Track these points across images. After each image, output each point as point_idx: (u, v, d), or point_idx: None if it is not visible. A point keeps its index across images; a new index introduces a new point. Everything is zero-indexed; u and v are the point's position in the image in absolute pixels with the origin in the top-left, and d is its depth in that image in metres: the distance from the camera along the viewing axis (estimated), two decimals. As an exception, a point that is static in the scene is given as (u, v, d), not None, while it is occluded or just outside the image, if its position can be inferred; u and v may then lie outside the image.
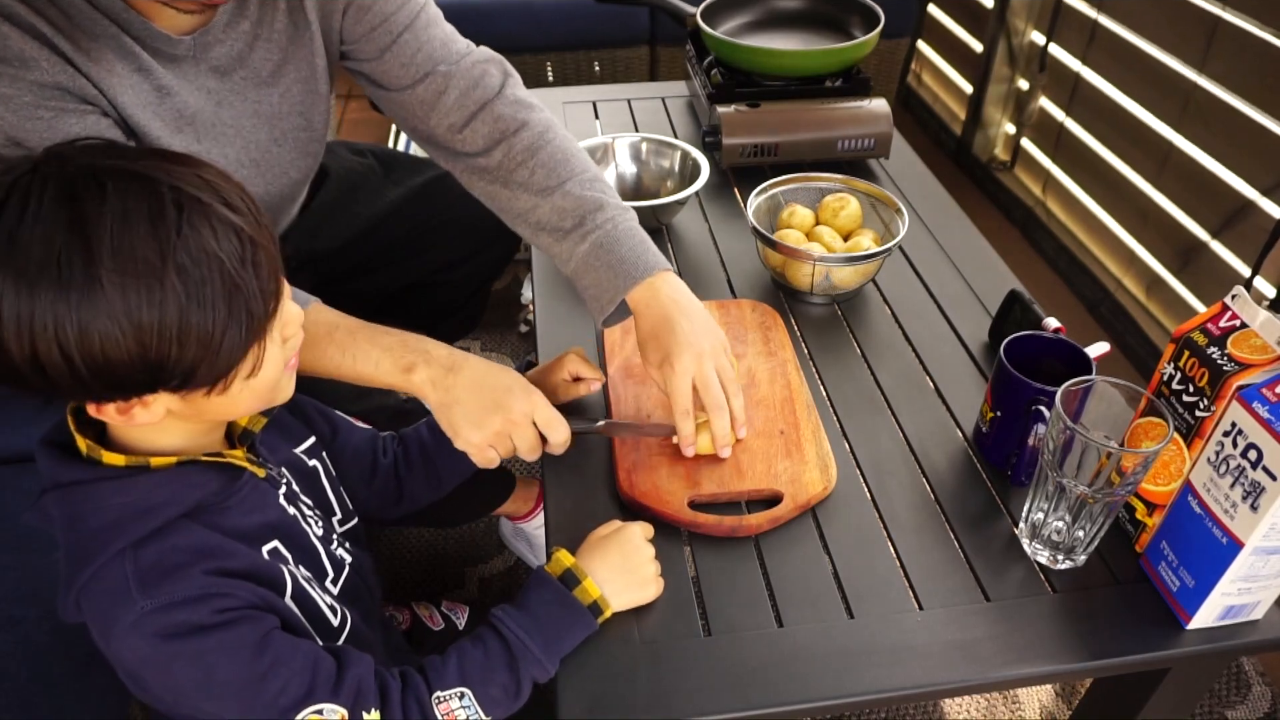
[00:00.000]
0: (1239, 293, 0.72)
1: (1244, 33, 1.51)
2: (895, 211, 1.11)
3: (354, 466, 0.88)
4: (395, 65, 0.96)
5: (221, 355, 0.59)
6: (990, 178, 2.35)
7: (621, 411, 0.93)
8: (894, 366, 1.02)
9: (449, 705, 0.68)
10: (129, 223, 0.54)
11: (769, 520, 0.82)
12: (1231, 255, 1.60)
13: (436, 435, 0.89)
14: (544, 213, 0.93)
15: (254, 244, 0.59)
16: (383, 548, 1.48)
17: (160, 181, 0.56)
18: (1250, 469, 0.65)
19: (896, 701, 1.00)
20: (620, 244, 0.89)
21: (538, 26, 2.31)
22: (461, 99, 0.96)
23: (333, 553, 0.78)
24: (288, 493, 0.74)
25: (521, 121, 0.95)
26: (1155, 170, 1.78)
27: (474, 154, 0.97)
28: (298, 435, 0.81)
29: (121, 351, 0.55)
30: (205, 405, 0.62)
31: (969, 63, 2.41)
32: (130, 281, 0.54)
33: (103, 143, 0.61)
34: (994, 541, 0.82)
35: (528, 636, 0.70)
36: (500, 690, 0.70)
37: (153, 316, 0.55)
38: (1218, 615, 0.73)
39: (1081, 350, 0.85)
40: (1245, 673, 1.32)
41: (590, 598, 0.72)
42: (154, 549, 0.62)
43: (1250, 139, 1.52)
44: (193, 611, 0.61)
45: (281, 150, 0.99)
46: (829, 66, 1.38)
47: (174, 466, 0.65)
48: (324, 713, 0.64)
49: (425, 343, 0.86)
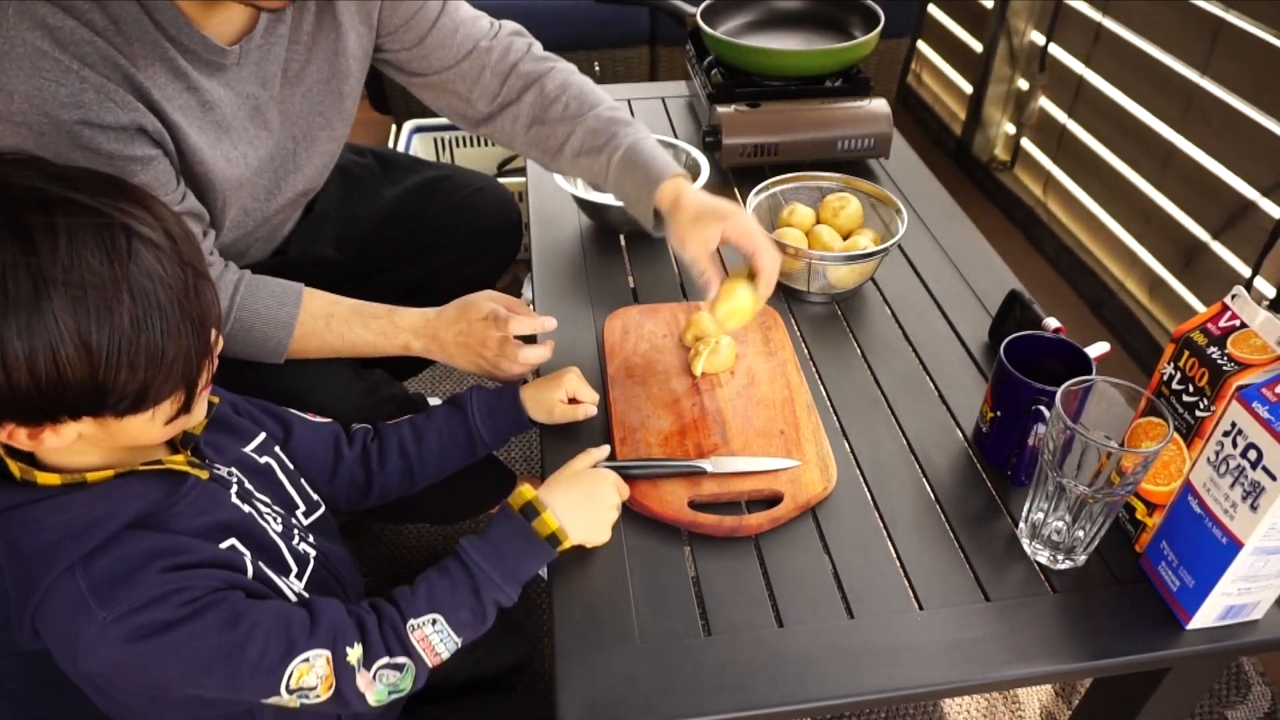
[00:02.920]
0: (1239, 293, 0.72)
1: (1246, 34, 1.51)
2: (895, 211, 1.11)
3: (311, 464, 0.87)
4: (436, 48, 1.02)
5: (172, 378, 0.60)
6: (990, 178, 2.35)
7: (620, 411, 0.93)
8: (894, 366, 1.02)
9: (423, 632, 0.72)
10: (79, 243, 0.54)
11: (769, 520, 0.82)
12: (1232, 256, 1.60)
13: (418, 433, 0.91)
14: (579, 136, 1.02)
15: (196, 273, 0.61)
16: (381, 547, 1.48)
17: (105, 207, 0.56)
18: (1250, 469, 0.65)
19: (896, 701, 1.00)
20: (644, 152, 1.00)
21: (538, 26, 2.29)
22: (497, 66, 1.04)
23: (295, 548, 0.77)
24: (240, 491, 0.74)
25: (548, 68, 1.06)
26: (1156, 171, 1.78)
27: (509, 104, 1.05)
28: (245, 434, 0.80)
29: (72, 372, 0.55)
30: (118, 429, 0.61)
31: (969, 63, 2.41)
32: (81, 301, 0.54)
33: (30, 158, 0.60)
34: (994, 541, 0.82)
35: (489, 565, 0.74)
36: (469, 613, 0.73)
37: (104, 337, 0.55)
38: (1218, 615, 0.73)
39: (1081, 350, 0.85)
40: (1245, 673, 1.32)
41: (548, 529, 0.75)
42: (103, 560, 0.61)
43: (1251, 139, 1.52)
44: (158, 610, 0.61)
45: (300, 149, 1.00)
46: (829, 66, 1.38)
47: (112, 479, 0.64)
48: (309, 659, 0.66)
49: (402, 316, 0.99)
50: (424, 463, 0.91)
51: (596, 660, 0.72)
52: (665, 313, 1.06)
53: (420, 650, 0.72)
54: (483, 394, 0.93)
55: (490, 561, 0.74)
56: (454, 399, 0.93)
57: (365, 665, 0.69)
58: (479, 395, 0.93)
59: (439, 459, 0.92)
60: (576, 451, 0.88)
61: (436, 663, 0.74)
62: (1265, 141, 1.49)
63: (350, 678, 0.68)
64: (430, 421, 0.92)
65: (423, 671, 0.73)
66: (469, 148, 2.23)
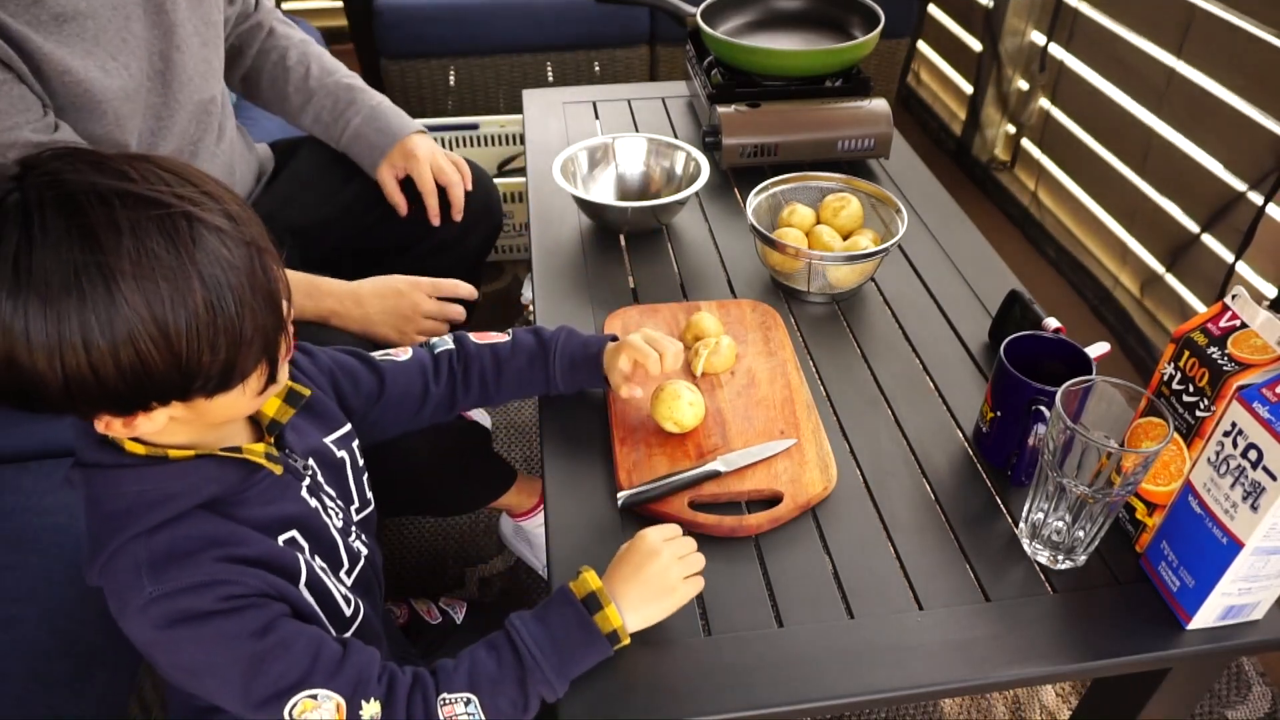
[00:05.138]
0: (1239, 293, 0.72)
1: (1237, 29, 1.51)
2: (895, 211, 1.11)
3: (405, 404, 0.88)
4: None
5: (253, 353, 0.61)
6: (990, 178, 2.35)
7: (620, 411, 0.93)
8: (894, 366, 1.02)
9: (453, 709, 0.67)
10: (143, 235, 0.55)
11: (769, 520, 0.82)
12: (1225, 250, 1.61)
13: (499, 365, 0.91)
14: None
15: (259, 249, 0.61)
16: (382, 545, 1.48)
17: (164, 196, 0.57)
18: (1250, 469, 0.65)
19: (896, 701, 1.00)
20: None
21: (538, 26, 2.31)
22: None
23: (350, 544, 0.78)
24: (311, 484, 0.75)
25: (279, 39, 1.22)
26: (1146, 166, 1.78)
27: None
28: (332, 422, 0.81)
29: (154, 361, 0.57)
30: (208, 408, 0.63)
31: (969, 63, 2.41)
32: (154, 292, 0.55)
33: (81, 150, 0.60)
34: (994, 541, 0.82)
35: (542, 655, 0.69)
36: (508, 703, 0.68)
37: (181, 323, 0.57)
38: (1218, 615, 0.73)
39: (1081, 350, 0.85)
40: (1245, 673, 1.32)
41: (610, 626, 0.70)
42: (166, 535, 0.63)
43: (1251, 136, 1.52)
44: (197, 598, 0.62)
45: (176, 50, 0.99)
46: (829, 66, 1.38)
47: (191, 460, 0.66)
48: (318, 698, 0.65)
49: (326, 282, 1.06)
50: (500, 393, 0.92)
51: (596, 660, 0.72)
52: (665, 313, 1.06)
53: None
54: (570, 345, 0.91)
55: (544, 651, 0.69)
56: (540, 338, 0.92)
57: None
58: (565, 346, 0.91)
59: (514, 392, 0.92)
60: (575, 452, 0.88)
61: None
62: (1252, 135, 1.49)
63: None
64: (513, 357, 0.91)
65: None
66: (469, 148, 2.23)
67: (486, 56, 2.36)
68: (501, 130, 2.22)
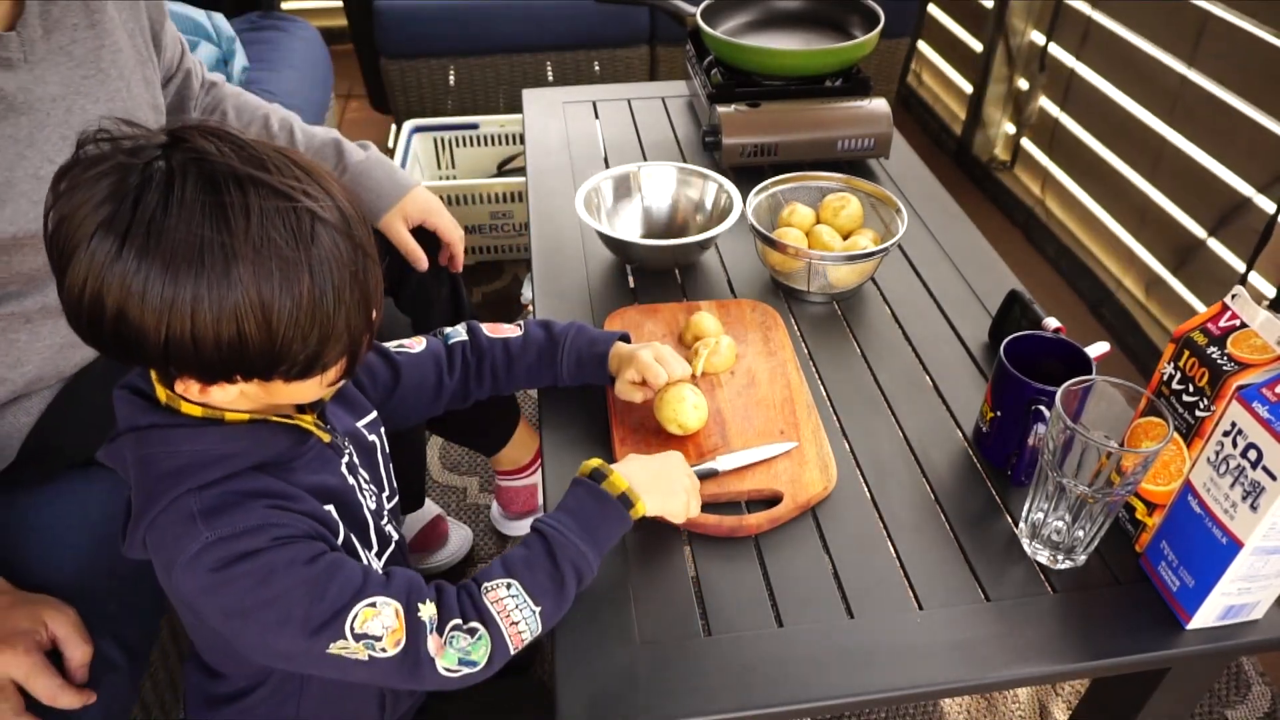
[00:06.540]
0: (1239, 293, 0.72)
1: (1247, 34, 1.51)
2: (895, 211, 1.11)
3: (421, 394, 0.91)
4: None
5: (339, 349, 0.64)
6: (990, 178, 2.35)
7: (620, 411, 0.93)
8: (894, 366, 1.02)
9: (497, 594, 0.71)
10: (268, 223, 0.59)
11: (769, 520, 0.82)
12: (1229, 253, 1.61)
13: (510, 359, 0.93)
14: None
15: (365, 253, 0.64)
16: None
17: (292, 191, 0.60)
18: (1250, 469, 0.65)
19: (896, 701, 1.00)
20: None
21: (538, 26, 2.31)
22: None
23: (382, 528, 0.80)
24: (349, 463, 0.77)
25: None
26: (1153, 169, 1.78)
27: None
28: (360, 409, 0.84)
29: (253, 340, 0.60)
30: (280, 390, 0.66)
31: (969, 63, 2.41)
32: (267, 277, 0.59)
33: (225, 131, 0.63)
34: (994, 541, 0.82)
35: (561, 525, 0.73)
36: (545, 577, 0.71)
37: (284, 309, 0.60)
38: (1218, 615, 0.73)
39: (1081, 350, 0.85)
40: (1245, 673, 1.32)
41: (618, 489, 0.75)
42: (218, 490, 0.66)
43: (1250, 138, 1.52)
44: (252, 539, 0.64)
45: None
46: (829, 66, 1.38)
47: (246, 423, 0.68)
48: (377, 604, 0.67)
49: None
50: (510, 385, 0.95)
51: (596, 660, 0.72)
52: (665, 313, 1.06)
53: (496, 615, 0.70)
54: (578, 342, 0.93)
55: (563, 522, 0.74)
56: (550, 333, 0.94)
57: (438, 629, 0.69)
58: (574, 344, 0.93)
59: (523, 384, 0.95)
60: (575, 439, 0.89)
61: (516, 637, 0.70)
62: (1262, 140, 1.49)
63: (421, 634, 0.68)
64: (524, 353, 0.93)
65: (499, 645, 0.70)
66: (469, 148, 2.23)
67: (486, 56, 2.36)
68: (501, 130, 2.22)
